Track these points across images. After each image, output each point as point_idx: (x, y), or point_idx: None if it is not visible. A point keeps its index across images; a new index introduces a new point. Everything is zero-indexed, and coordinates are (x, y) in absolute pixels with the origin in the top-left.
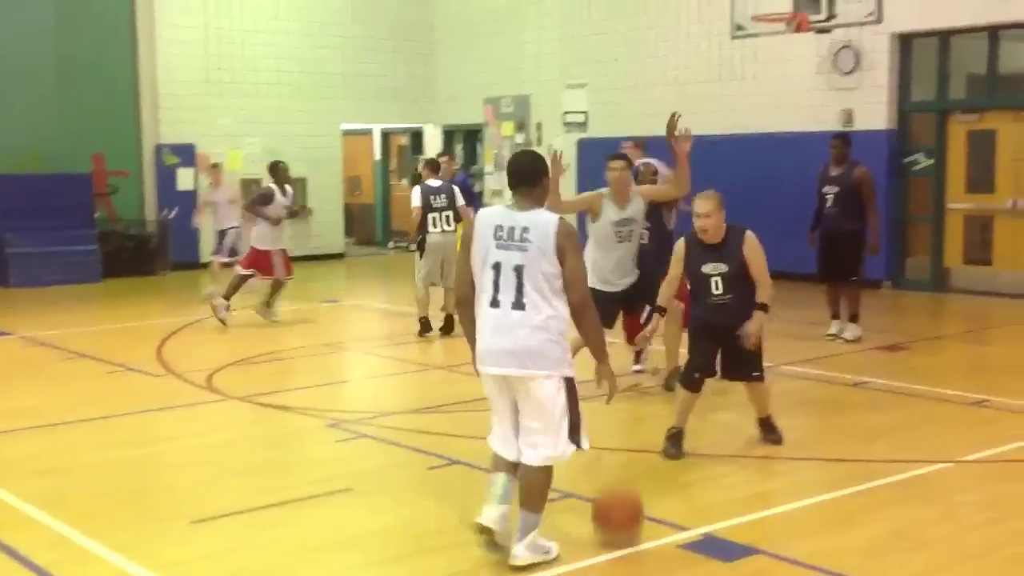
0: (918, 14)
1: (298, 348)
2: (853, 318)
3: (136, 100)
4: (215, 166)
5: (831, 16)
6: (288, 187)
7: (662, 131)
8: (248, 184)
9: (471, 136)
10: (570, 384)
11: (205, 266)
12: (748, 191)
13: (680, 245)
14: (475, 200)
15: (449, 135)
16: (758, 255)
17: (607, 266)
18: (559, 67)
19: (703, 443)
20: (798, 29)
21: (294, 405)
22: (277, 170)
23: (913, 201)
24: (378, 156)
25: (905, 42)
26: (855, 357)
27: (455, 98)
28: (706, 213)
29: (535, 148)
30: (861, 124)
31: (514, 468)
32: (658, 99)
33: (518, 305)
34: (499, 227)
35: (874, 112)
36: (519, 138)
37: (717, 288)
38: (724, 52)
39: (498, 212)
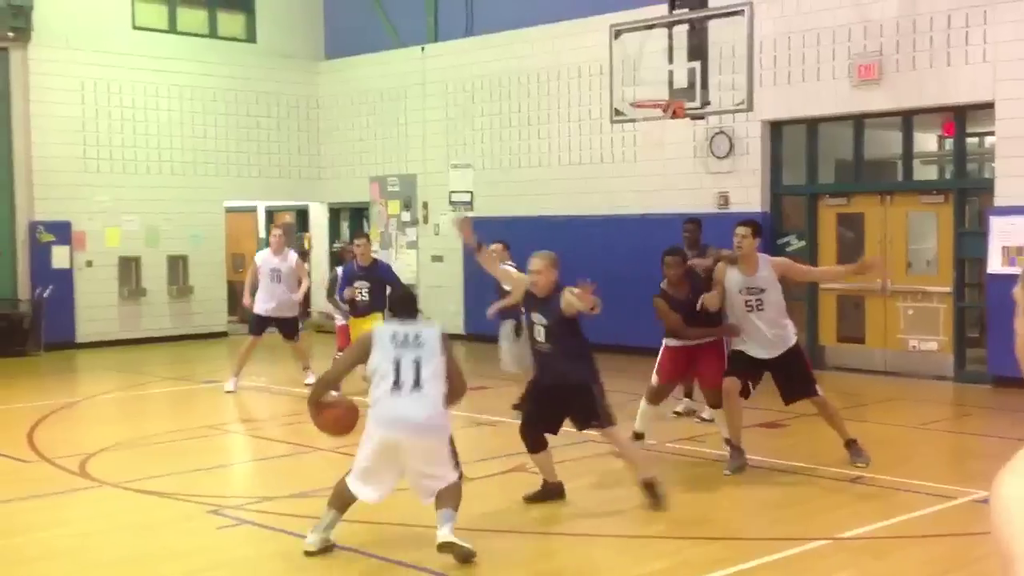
0: (786, 102)
1: (178, 431)
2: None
3: (10, 177)
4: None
5: (705, 103)
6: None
7: (546, 211)
8: (127, 262)
9: (357, 214)
10: None
11: (81, 346)
12: (628, 270)
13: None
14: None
15: (335, 213)
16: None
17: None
18: (444, 147)
19: (584, 522)
20: (674, 116)
21: (173, 491)
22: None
23: (787, 282)
24: (263, 234)
25: (775, 129)
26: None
27: (341, 176)
28: (537, 270)
29: (421, 225)
30: (736, 206)
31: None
32: (542, 179)
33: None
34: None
35: (748, 195)
36: (405, 216)
37: (540, 336)
38: (604, 135)
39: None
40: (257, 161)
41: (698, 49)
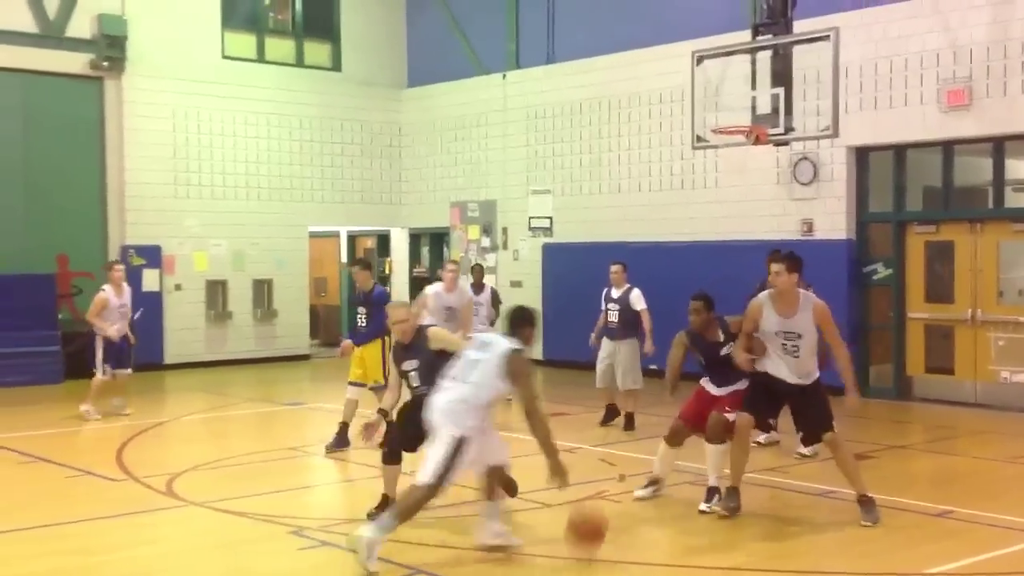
0: (872, 128)
1: (261, 452)
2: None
3: (103, 202)
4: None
5: (789, 129)
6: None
7: (625, 237)
8: (214, 285)
9: (437, 239)
10: None
11: (169, 367)
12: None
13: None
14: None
15: (416, 238)
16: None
17: None
18: (524, 173)
19: (662, 554)
20: (756, 142)
21: (256, 511)
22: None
23: (874, 310)
24: (345, 258)
25: (861, 155)
26: (822, 466)
27: (422, 202)
28: (402, 319)
29: (500, 251)
30: (821, 234)
31: None
32: (622, 205)
33: None
34: None
35: (833, 222)
36: (485, 241)
37: (415, 382)
38: (686, 161)
39: None
40: (340, 187)
41: (782, 75)
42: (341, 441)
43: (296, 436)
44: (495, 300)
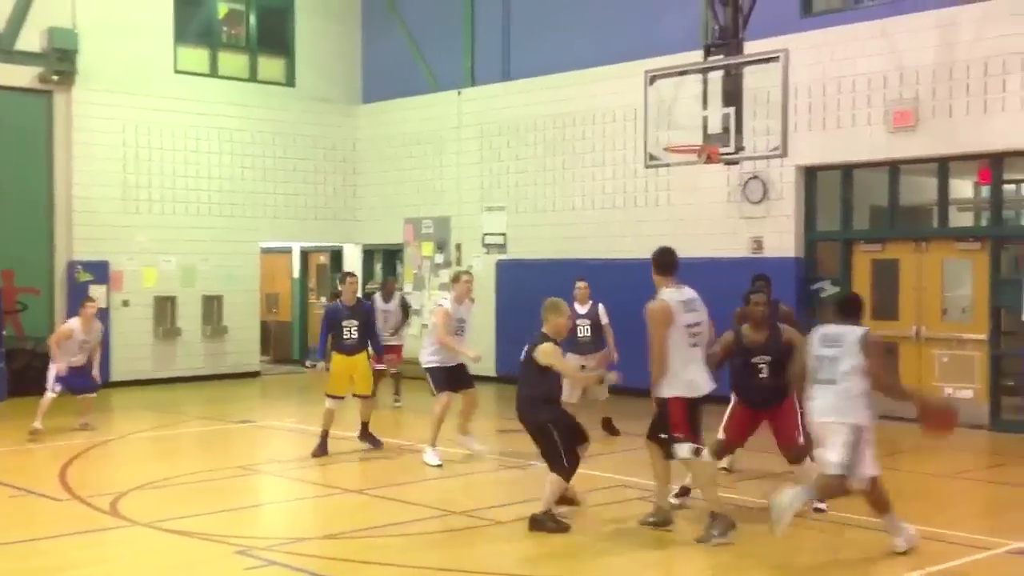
0: (821, 148)
1: (209, 471)
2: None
3: (50, 217)
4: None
5: (739, 148)
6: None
7: (579, 254)
8: (163, 301)
9: (391, 256)
10: None
11: (115, 385)
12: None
13: None
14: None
15: (369, 254)
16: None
17: None
18: (479, 190)
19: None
20: (708, 160)
21: (202, 531)
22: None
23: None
24: (297, 274)
25: (810, 174)
26: (776, 482)
27: (376, 218)
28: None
29: (454, 268)
30: (770, 251)
31: None
32: (575, 223)
33: None
34: None
35: (782, 240)
36: (439, 258)
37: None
38: (639, 180)
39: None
40: (293, 202)
41: (733, 95)
42: (324, 448)
43: (245, 454)
44: (404, 309)
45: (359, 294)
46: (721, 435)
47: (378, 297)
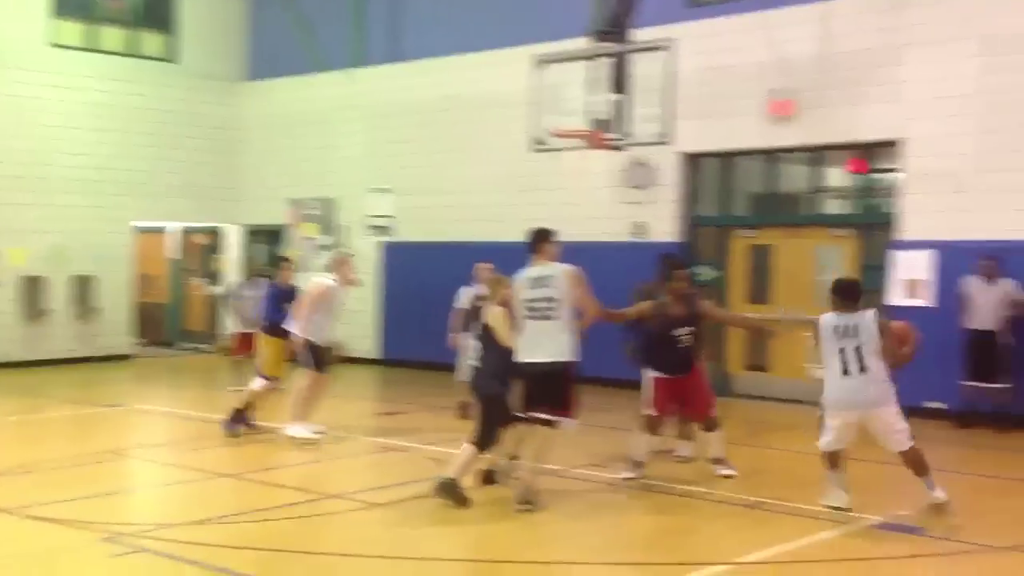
0: (703, 136)
1: (77, 455)
2: (686, 436)
3: None
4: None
5: (625, 135)
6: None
7: (466, 237)
8: (31, 282)
9: (274, 237)
10: None
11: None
12: None
13: None
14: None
15: (251, 235)
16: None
17: None
18: (364, 171)
19: (488, 550)
20: (594, 146)
21: (68, 517)
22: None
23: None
24: (175, 255)
25: (692, 161)
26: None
27: (259, 198)
28: None
29: (340, 250)
30: (653, 236)
31: None
32: (462, 205)
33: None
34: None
35: (664, 225)
36: (324, 240)
37: None
38: (526, 164)
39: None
40: (174, 181)
41: (619, 82)
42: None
43: (116, 438)
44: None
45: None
46: (650, 411)
47: (244, 283)
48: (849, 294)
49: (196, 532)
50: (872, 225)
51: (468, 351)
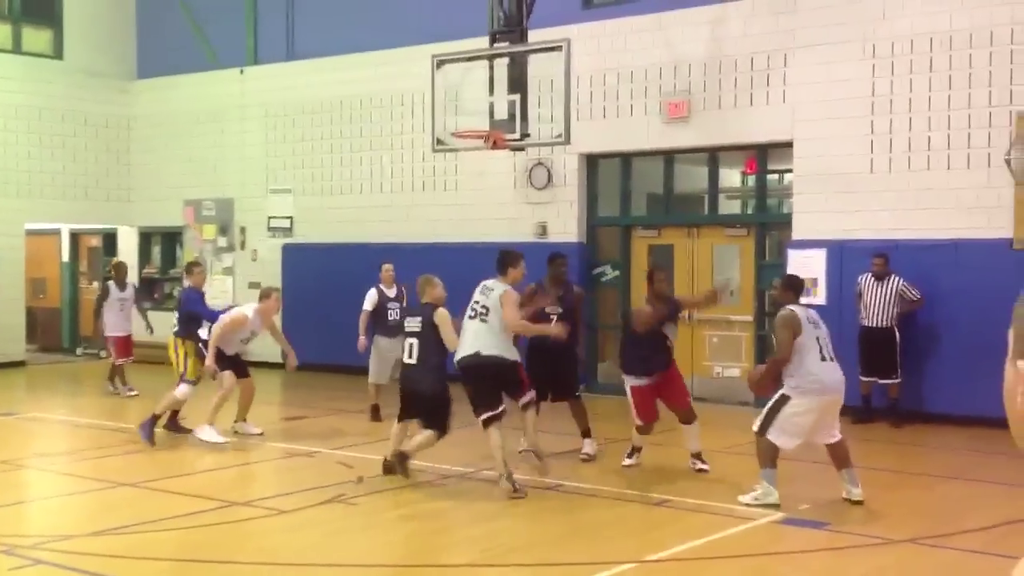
0: (602, 136)
1: None
2: (586, 432)
3: None
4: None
5: (525, 135)
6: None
7: (367, 238)
8: None
9: (169, 238)
10: None
11: None
12: (449, 298)
13: None
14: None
15: (146, 237)
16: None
17: None
18: (264, 171)
19: (399, 554)
20: (494, 146)
21: None
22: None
23: (602, 310)
24: (66, 258)
25: (592, 162)
26: (551, 461)
27: (153, 199)
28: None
29: (238, 251)
30: (554, 236)
31: None
32: (363, 206)
33: None
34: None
35: (565, 225)
36: (222, 241)
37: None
38: (427, 164)
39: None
40: (62, 182)
41: (518, 82)
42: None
43: (9, 448)
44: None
45: (131, 280)
46: (637, 420)
47: (113, 285)
48: (802, 289)
49: (96, 543)
50: (768, 224)
51: (379, 352)
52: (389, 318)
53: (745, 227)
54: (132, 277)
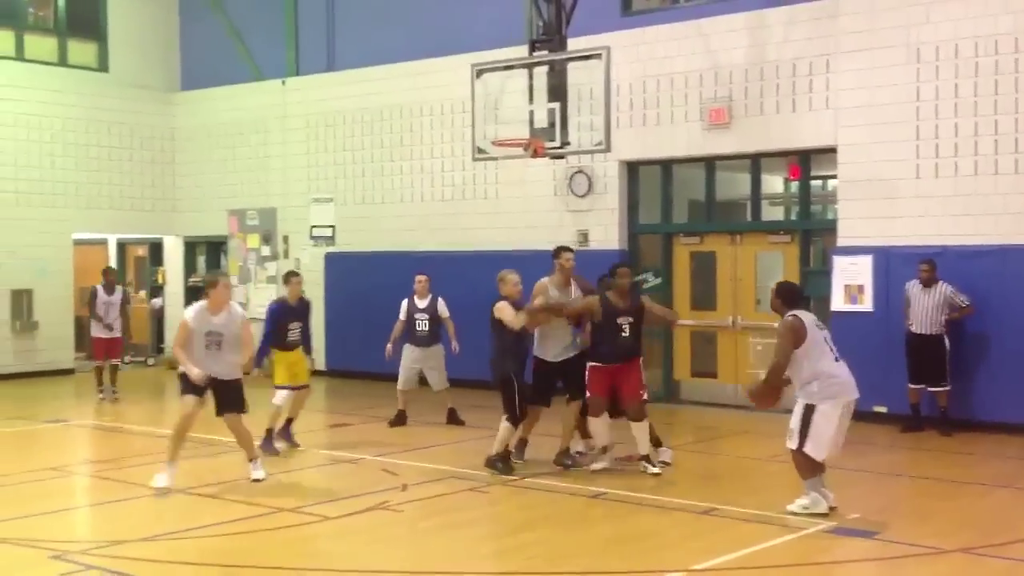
0: (642, 144)
1: (19, 473)
2: (656, 442)
3: None
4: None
5: (564, 143)
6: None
7: (408, 247)
8: None
9: (214, 248)
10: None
11: None
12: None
13: None
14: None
15: (191, 246)
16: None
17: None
18: (306, 181)
19: (442, 563)
20: (534, 154)
21: (14, 536)
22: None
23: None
24: (114, 267)
25: (632, 169)
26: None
27: (198, 209)
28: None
29: (281, 260)
30: (595, 244)
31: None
32: (403, 215)
33: None
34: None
35: (607, 233)
36: (265, 250)
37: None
38: (467, 172)
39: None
40: (108, 192)
41: (558, 90)
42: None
43: (57, 455)
44: (125, 301)
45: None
46: (589, 395)
47: (100, 289)
48: (793, 296)
49: (146, 549)
50: (812, 231)
51: (406, 360)
52: (417, 328)
53: (789, 233)
54: (178, 286)
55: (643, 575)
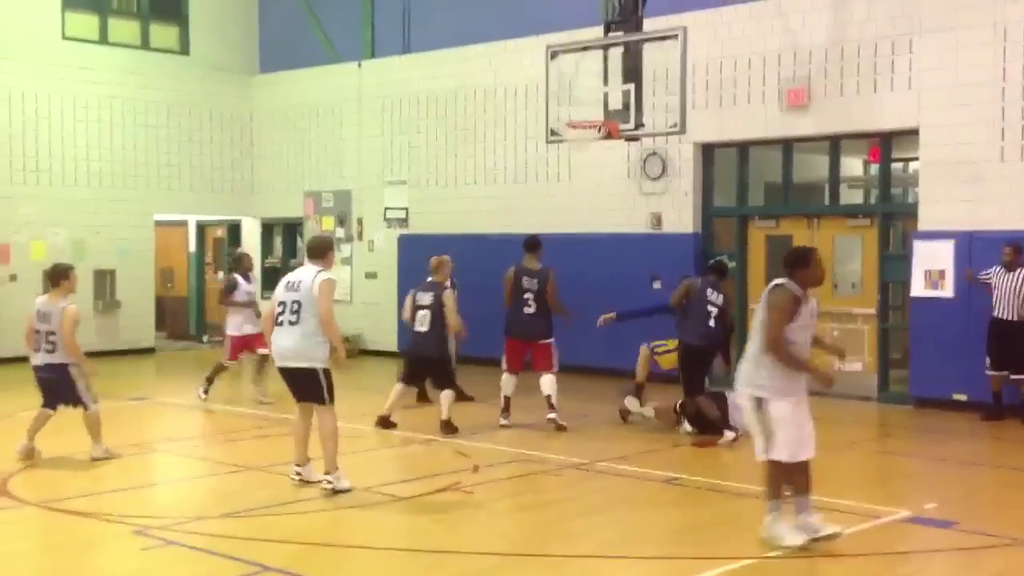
0: (718, 125)
1: (104, 449)
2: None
3: None
4: None
5: (639, 125)
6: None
7: (481, 229)
8: None
9: (290, 229)
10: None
11: (4, 361)
12: (564, 289)
13: None
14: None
15: (268, 228)
16: None
17: None
18: (380, 163)
19: (513, 543)
20: (608, 136)
21: (97, 511)
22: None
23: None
24: (193, 248)
25: (708, 151)
26: (667, 454)
27: (275, 191)
28: None
29: (356, 242)
30: (669, 227)
31: None
32: (477, 197)
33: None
34: None
35: (681, 216)
36: (340, 232)
37: None
38: (540, 154)
39: None
40: (188, 174)
41: (633, 71)
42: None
43: (139, 432)
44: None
45: (253, 271)
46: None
47: (239, 278)
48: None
49: (226, 525)
50: (891, 214)
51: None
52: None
53: (868, 217)
54: (255, 267)
55: (714, 561)
